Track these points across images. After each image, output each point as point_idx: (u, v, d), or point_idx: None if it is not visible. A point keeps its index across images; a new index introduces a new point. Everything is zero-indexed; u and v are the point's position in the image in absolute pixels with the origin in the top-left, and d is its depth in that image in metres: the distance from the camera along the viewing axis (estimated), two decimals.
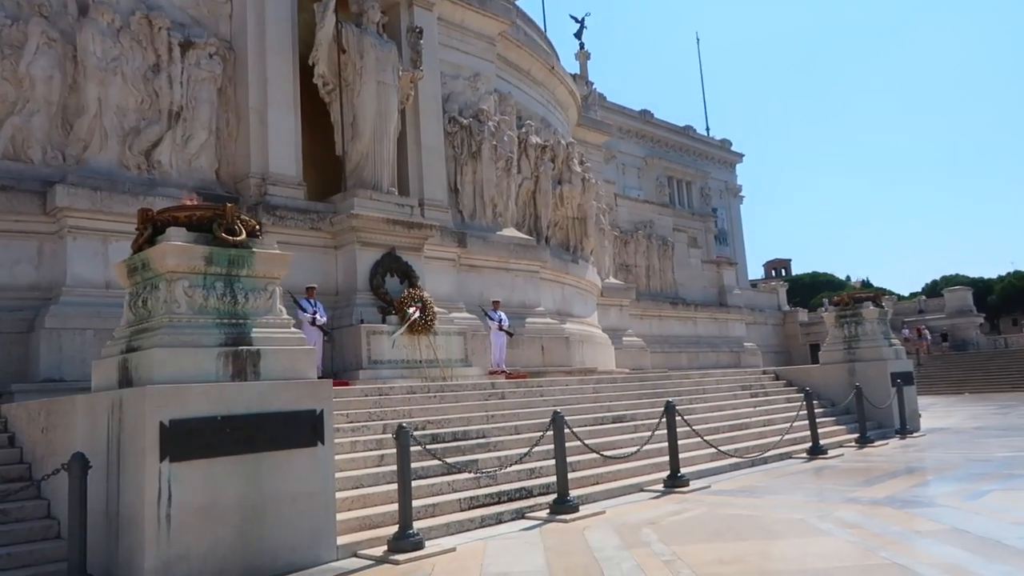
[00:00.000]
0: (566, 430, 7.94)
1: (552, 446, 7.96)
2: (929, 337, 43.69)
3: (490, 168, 19.03)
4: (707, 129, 61.31)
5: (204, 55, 14.45)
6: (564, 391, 11.97)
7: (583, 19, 56.48)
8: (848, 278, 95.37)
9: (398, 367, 14.05)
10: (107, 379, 6.20)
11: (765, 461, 11.16)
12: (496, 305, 16.57)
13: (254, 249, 6.17)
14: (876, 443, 13.34)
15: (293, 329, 6.56)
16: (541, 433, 8.24)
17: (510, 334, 16.43)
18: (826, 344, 16.83)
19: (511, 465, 8.03)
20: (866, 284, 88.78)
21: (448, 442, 8.74)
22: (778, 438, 11.71)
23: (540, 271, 19.93)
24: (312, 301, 13.50)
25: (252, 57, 14.92)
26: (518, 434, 9.39)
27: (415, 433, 8.49)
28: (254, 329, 6.07)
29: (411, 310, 14.41)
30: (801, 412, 12.09)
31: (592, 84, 30.40)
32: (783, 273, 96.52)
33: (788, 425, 11.91)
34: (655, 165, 52.95)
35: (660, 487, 9.01)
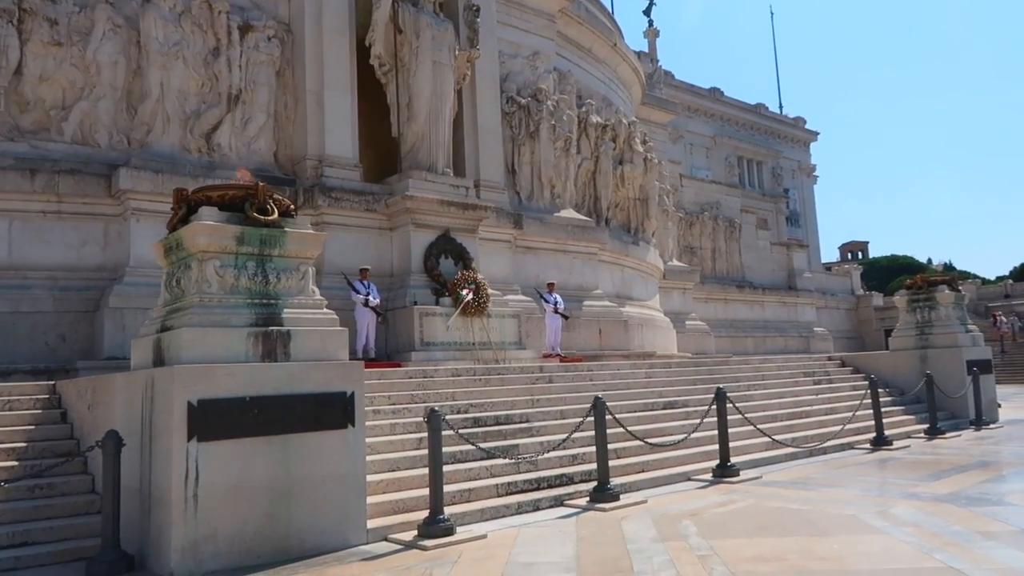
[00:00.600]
0: (610, 416, 7.73)
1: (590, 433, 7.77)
2: (1005, 323, 41.21)
3: (548, 148, 18.78)
4: (780, 107, 59.41)
5: (263, 38, 14.62)
6: (615, 375, 11.73)
7: None
8: (929, 261, 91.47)
9: (451, 349, 14.03)
10: (144, 358, 6.31)
11: (824, 451, 10.71)
12: (551, 287, 16.38)
13: (286, 229, 6.16)
14: (947, 434, 12.69)
15: (326, 310, 6.54)
16: (583, 419, 8.06)
17: (565, 317, 16.23)
18: (897, 329, 16.05)
19: (552, 450, 7.88)
20: (948, 267, 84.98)
21: (490, 426, 8.65)
22: (839, 427, 11.22)
23: (598, 253, 19.62)
24: (366, 283, 13.58)
25: (309, 39, 15.01)
26: (563, 419, 9.22)
27: (456, 417, 8.48)
28: (285, 310, 6.08)
29: (464, 292, 14.34)
30: (865, 400, 11.54)
31: (658, 62, 29.68)
32: (860, 256, 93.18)
33: (851, 414, 11.38)
34: (724, 144, 51.55)
35: (709, 476, 8.73)
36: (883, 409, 13.30)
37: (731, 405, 9.12)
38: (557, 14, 20.15)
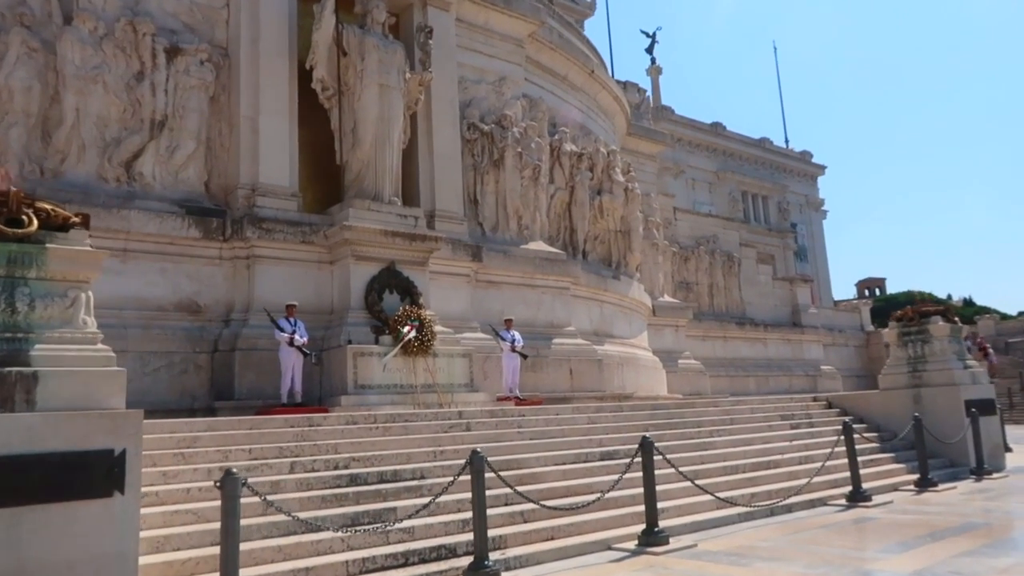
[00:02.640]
0: (523, 471, 6.46)
1: (502, 491, 6.47)
2: (994, 356, 38.93)
3: (514, 177, 17.71)
4: (786, 141, 58.29)
5: (194, 62, 13.76)
6: (551, 421, 10.42)
7: (654, 33, 55.06)
8: (949, 297, 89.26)
9: (389, 392, 12.80)
10: None
11: (789, 509, 9.26)
12: (509, 324, 15.15)
13: (48, 245, 5.05)
14: (940, 487, 11.12)
15: (100, 346, 5.36)
16: (488, 474, 6.78)
17: (524, 356, 14.96)
18: (887, 366, 14.60)
19: (440, 514, 6.60)
20: (968, 302, 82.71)
21: (370, 484, 7.39)
22: (811, 480, 9.78)
23: (570, 288, 18.41)
24: (292, 320, 12.43)
25: (245, 62, 14.17)
26: (467, 475, 7.93)
27: (328, 474, 7.23)
28: (38, 345, 4.92)
29: (405, 329, 13.16)
30: (839, 448, 10.12)
31: (645, 91, 28.74)
32: (877, 293, 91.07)
33: (820, 465, 9.93)
34: (728, 179, 50.48)
35: (632, 545, 7.35)
36: (869, 457, 11.92)
37: (661, 457, 7.78)
38: (526, 39, 19.26)
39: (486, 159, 17.52)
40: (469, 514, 6.74)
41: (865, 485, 10.21)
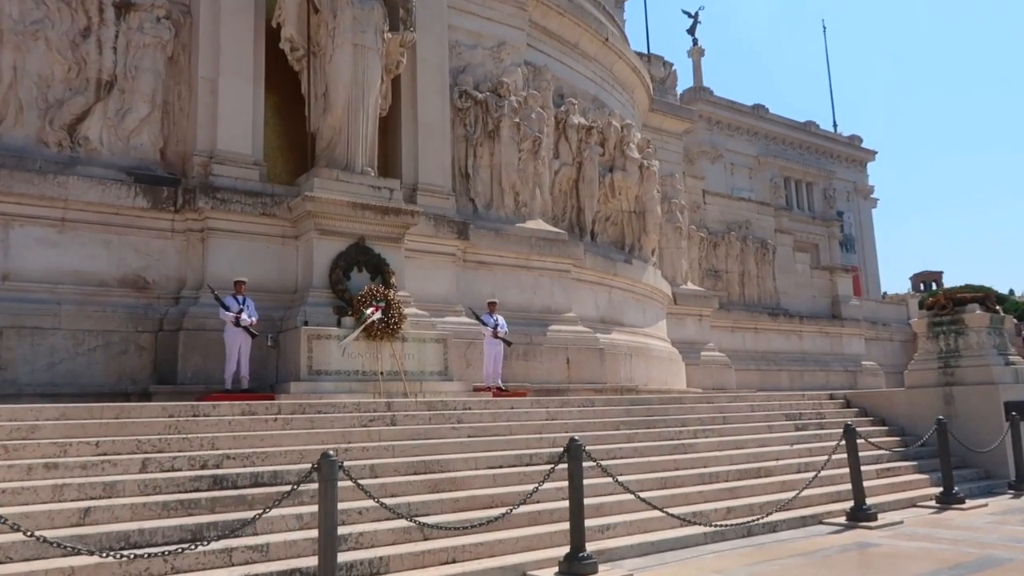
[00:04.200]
0: (439, 475, 5.12)
1: (369, 502, 5.16)
2: None
3: (511, 150, 16.34)
4: (834, 125, 55.65)
5: (150, 18, 12.72)
6: (501, 416, 9.08)
7: (696, 13, 52.97)
8: (1011, 292, 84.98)
9: (348, 379, 11.63)
10: None
11: (773, 528, 7.77)
12: (492, 307, 13.83)
13: None
14: (967, 503, 9.46)
15: None
16: (413, 476, 5.46)
17: (507, 343, 13.63)
18: (914, 361, 12.86)
19: (308, 528, 5.35)
20: None
21: (241, 488, 6.18)
22: (808, 492, 8.26)
23: (572, 270, 16.99)
24: (240, 298, 11.31)
25: (205, 19, 13.07)
26: (376, 477, 6.69)
27: (184, 474, 6.02)
28: None
29: (369, 310, 11.94)
30: (841, 455, 8.53)
31: (672, 65, 26.97)
32: (933, 287, 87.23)
33: (814, 475, 8.35)
34: (770, 164, 48.20)
35: (552, 571, 5.99)
36: (887, 465, 10.33)
37: (593, 464, 6.38)
38: (529, 1, 17.82)
39: (479, 130, 16.18)
40: (347, 528, 5.46)
41: (876, 499, 8.67)
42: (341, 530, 5.69)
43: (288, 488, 5.30)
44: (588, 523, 6.26)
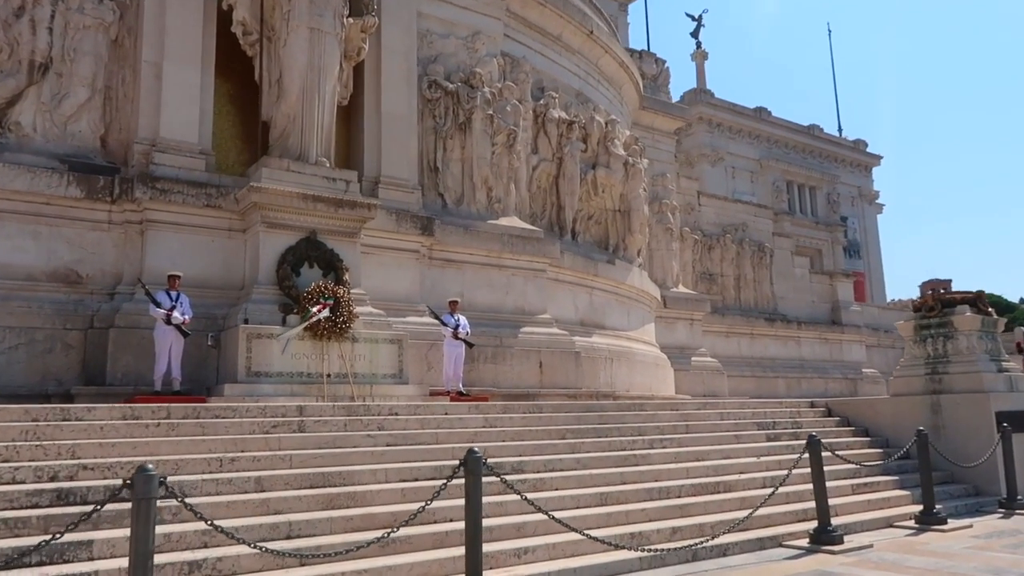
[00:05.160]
0: (336, 489, 4.26)
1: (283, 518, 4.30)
2: None
3: (483, 143, 15.58)
4: (839, 129, 54.66)
5: None
6: (430, 423, 8.23)
7: (700, 16, 52.26)
8: (1022, 300, 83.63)
9: (291, 381, 10.87)
10: None
11: (723, 552, 6.91)
12: (454, 306, 13.04)
13: None
14: (948, 524, 8.54)
15: None
16: (309, 490, 4.63)
17: (469, 344, 12.84)
18: (900, 367, 11.97)
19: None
20: None
21: (88, 503, 5.34)
22: (770, 510, 7.42)
23: (548, 270, 16.20)
24: (173, 294, 10.57)
25: (151, 0, 12.36)
26: (261, 491, 5.91)
27: (29, 487, 5.24)
28: None
29: (315, 308, 11.18)
30: (805, 469, 7.66)
31: (664, 62, 26.15)
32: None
33: (771, 491, 7.45)
34: (772, 168, 47.27)
35: None
36: (865, 480, 9.49)
37: (499, 479, 5.57)
38: None
39: (450, 122, 15.43)
40: (202, 552, 4.68)
41: (848, 519, 7.82)
42: (195, 554, 4.92)
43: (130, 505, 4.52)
44: (504, 545, 5.48)
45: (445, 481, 5.27)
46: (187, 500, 4.88)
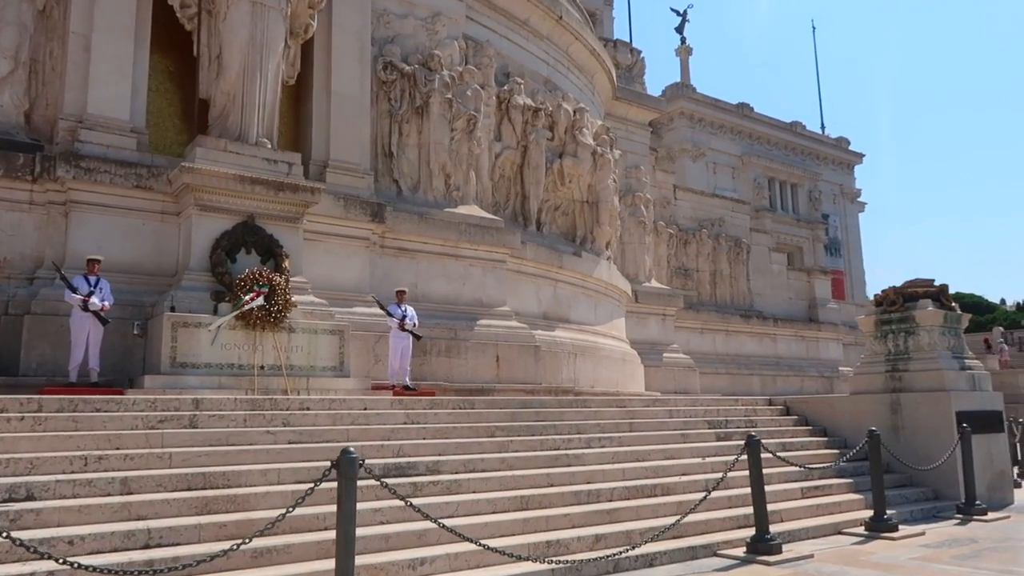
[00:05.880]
0: (216, 492, 3.68)
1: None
2: (1006, 349, 34.70)
3: (441, 128, 14.97)
4: (822, 127, 54.42)
5: None
6: (341, 418, 7.56)
7: (685, 12, 51.80)
8: (1003, 301, 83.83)
9: (219, 373, 10.27)
10: None
11: (649, 562, 6.32)
12: (401, 296, 12.46)
13: None
14: (899, 531, 8.01)
15: None
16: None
17: (416, 336, 12.26)
18: (860, 363, 11.49)
19: None
20: (1023, 308, 77.28)
21: None
22: (708, 515, 6.88)
23: (508, 260, 15.63)
24: (92, 279, 9.93)
25: None
26: (130, 493, 5.29)
27: None
28: None
29: (248, 296, 10.57)
30: (743, 469, 7.10)
31: (640, 52, 25.60)
32: None
33: (703, 496, 6.84)
34: (753, 164, 46.86)
35: None
36: (818, 483, 8.99)
37: (376, 483, 4.98)
38: None
39: (406, 105, 14.81)
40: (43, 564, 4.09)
41: (794, 525, 7.32)
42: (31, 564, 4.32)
43: None
44: (399, 555, 4.93)
45: (313, 485, 4.68)
46: (34, 505, 4.28)
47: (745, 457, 6.94)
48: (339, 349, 11.41)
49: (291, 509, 4.51)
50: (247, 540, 4.45)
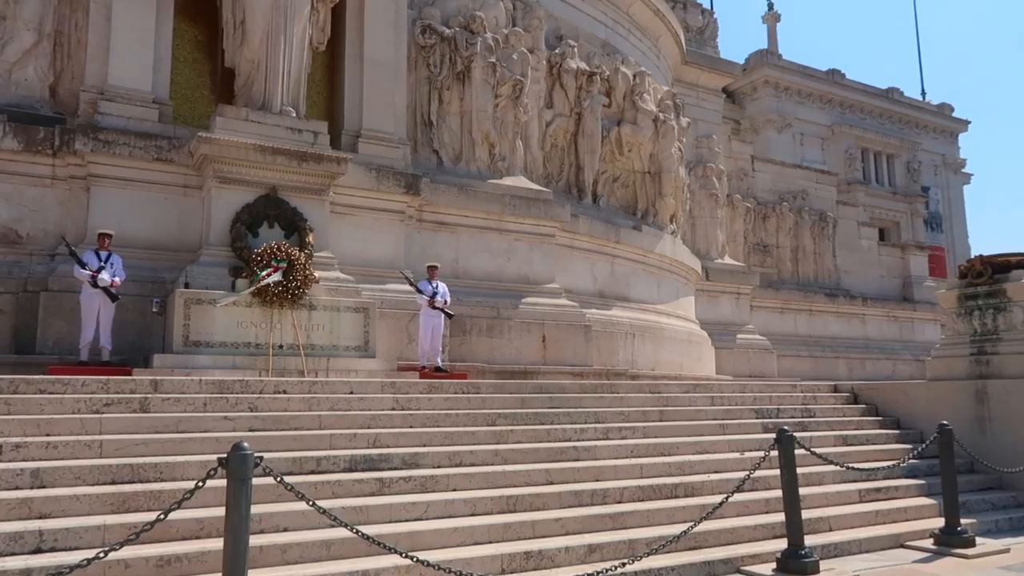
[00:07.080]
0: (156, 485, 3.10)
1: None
2: None
3: (485, 94, 14.11)
4: (923, 93, 50.68)
5: None
6: (320, 403, 6.75)
7: None
8: None
9: (234, 352, 9.80)
10: None
11: None
12: (433, 272, 11.72)
13: None
14: (976, 546, 6.61)
15: None
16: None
17: (448, 315, 11.52)
18: (940, 345, 10.01)
19: None
20: None
21: None
22: (734, 523, 5.84)
23: (558, 235, 14.69)
24: (103, 254, 9.59)
25: None
26: (42, 487, 4.72)
27: None
28: None
29: (265, 272, 10.05)
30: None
31: (712, 13, 23.97)
32: None
33: (723, 499, 5.69)
34: (845, 134, 43.95)
35: None
36: (880, 484, 7.74)
37: (277, 480, 4.18)
38: None
39: (446, 70, 14.01)
40: None
41: (844, 535, 6.16)
42: None
43: None
44: (343, 566, 4.14)
45: (198, 482, 3.95)
46: None
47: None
48: (364, 328, 10.78)
49: (164, 515, 3.80)
50: (114, 548, 3.75)
